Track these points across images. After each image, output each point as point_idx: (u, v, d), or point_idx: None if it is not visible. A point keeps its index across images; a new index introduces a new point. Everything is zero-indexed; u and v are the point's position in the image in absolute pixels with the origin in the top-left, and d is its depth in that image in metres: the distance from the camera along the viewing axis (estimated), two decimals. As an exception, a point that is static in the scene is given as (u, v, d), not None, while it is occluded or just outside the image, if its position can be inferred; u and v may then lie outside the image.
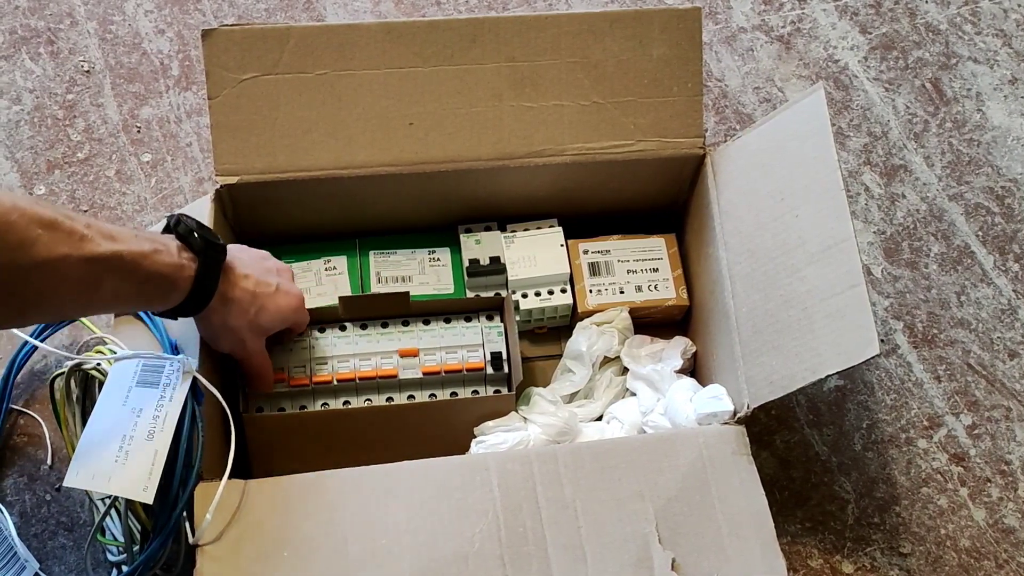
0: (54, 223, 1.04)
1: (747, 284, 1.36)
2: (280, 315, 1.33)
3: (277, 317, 1.33)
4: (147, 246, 1.14)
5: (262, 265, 1.33)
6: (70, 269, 1.06)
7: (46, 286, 1.06)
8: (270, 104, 1.39)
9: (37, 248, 1.02)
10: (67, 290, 1.08)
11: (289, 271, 1.39)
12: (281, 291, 1.32)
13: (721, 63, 1.87)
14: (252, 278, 1.29)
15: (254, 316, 1.29)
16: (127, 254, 1.11)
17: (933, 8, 1.93)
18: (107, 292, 1.12)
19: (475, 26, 1.42)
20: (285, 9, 1.88)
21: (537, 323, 1.56)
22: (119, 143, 1.72)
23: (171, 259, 1.17)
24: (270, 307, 1.30)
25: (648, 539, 1.19)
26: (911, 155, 1.78)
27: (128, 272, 1.12)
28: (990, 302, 1.65)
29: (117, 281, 1.11)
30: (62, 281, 1.06)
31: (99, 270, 1.09)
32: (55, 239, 1.04)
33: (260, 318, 1.30)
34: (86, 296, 1.12)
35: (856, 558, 1.45)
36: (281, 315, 1.33)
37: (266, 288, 1.30)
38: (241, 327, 1.29)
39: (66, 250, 1.05)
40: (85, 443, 1.20)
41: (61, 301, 1.10)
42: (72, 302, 1.12)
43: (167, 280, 1.17)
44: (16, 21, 1.83)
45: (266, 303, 1.30)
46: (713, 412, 1.31)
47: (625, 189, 1.53)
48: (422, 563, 1.17)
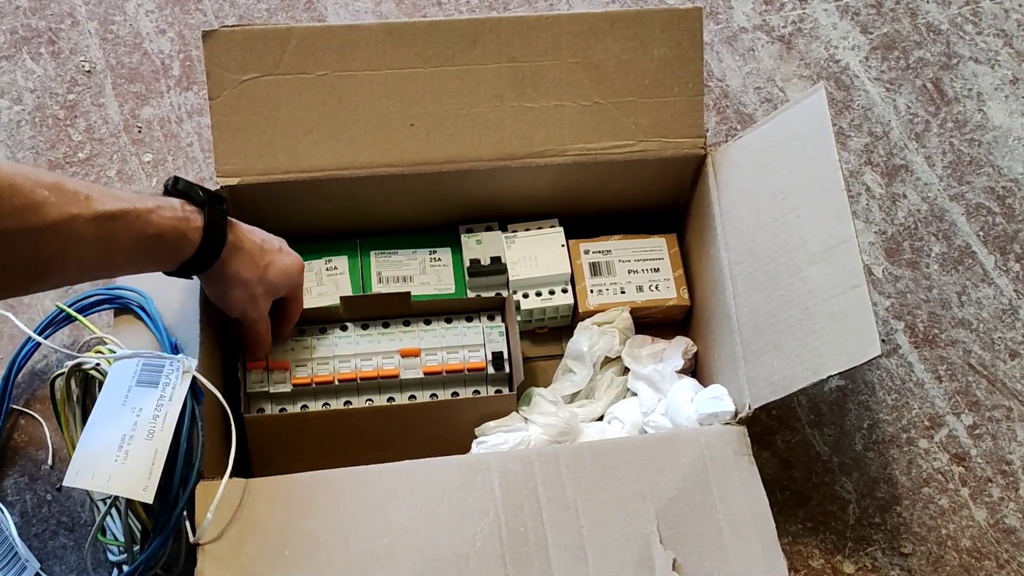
0: (58, 185, 1.06)
1: (748, 284, 1.36)
2: (287, 274, 1.33)
3: (284, 275, 1.32)
4: (151, 203, 1.16)
5: (263, 232, 1.33)
6: (82, 228, 1.07)
7: (62, 246, 1.07)
8: (271, 104, 1.39)
9: (47, 209, 1.04)
10: (83, 249, 1.10)
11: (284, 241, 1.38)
12: (285, 252, 1.33)
13: (722, 63, 1.87)
14: (258, 233, 1.30)
15: (264, 270, 1.29)
16: (134, 210, 1.13)
17: (934, 8, 1.93)
18: (121, 249, 1.14)
19: (476, 26, 1.42)
20: (286, 9, 1.88)
21: (538, 323, 1.56)
22: (120, 143, 1.72)
23: (176, 213, 1.18)
24: (277, 263, 1.31)
25: (649, 539, 1.19)
26: (912, 155, 1.78)
27: (140, 227, 1.13)
28: (991, 302, 1.65)
29: (130, 237, 1.13)
30: (77, 240, 1.08)
31: (111, 227, 1.10)
32: (63, 200, 1.05)
33: (269, 272, 1.30)
34: (103, 253, 1.13)
35: (857, 558, 1.45)
36: (287, 274, 1.33)
37: (271, 245, 1.31)
38: (252, 280, 1.29)
39: (76, 210, 1.06)
40: (85, 443, 1.20)
41: (79, 261, 1.12)
42: (90, 261, 1.14)
43: (177, 232, 1.18)
44: (17, 21, 1.83)
45: (274, 259, 1.31)
46: (714, 412, 1.31)
47: (626, 189, 1.53)
48: (423, 563, 1.17)
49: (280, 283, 1.33)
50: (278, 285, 1.33)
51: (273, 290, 1.33)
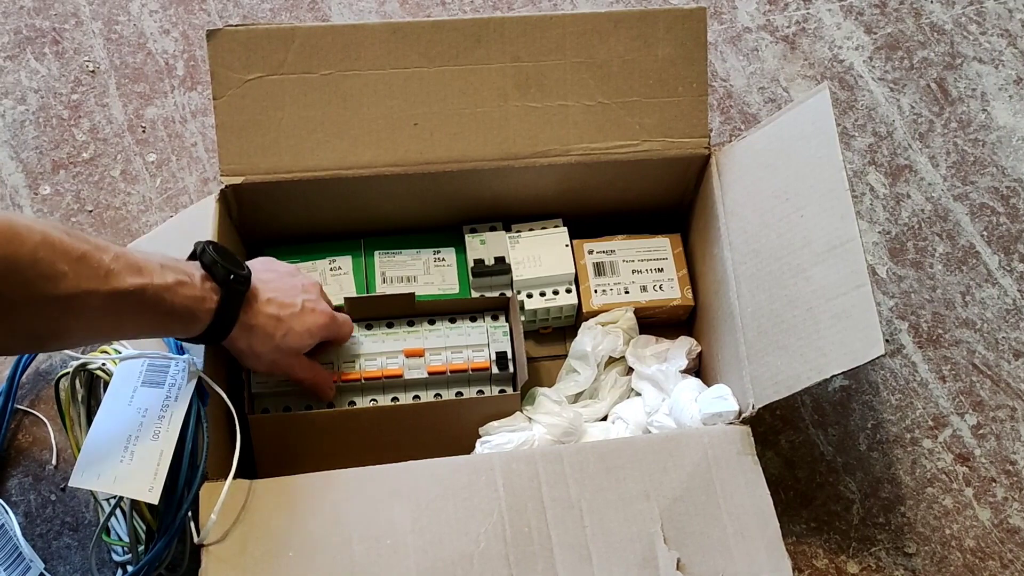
0: (83, 257, 1.04)
1: (752, 284, 1.36)
2: (308, 334, 1.32)
3: (305, 337, 1.31)
4: (171, 278, 1.14)
5: (288, 284, 1.32)
6: (93, 303, 1.06)
7: (67, 319, 1.06)
8: (275, 104, 1.39)
9: (64, 283, 1.02)
10: (88, 323, 1.09)
11: (317, 287, 1.37)
12: (307, 310, 1.31)
13: (726, 63, 1.87)
14: (275, 302, 1.28)
15: (280, 340, 1.28)
16: (151, 288, 1.11)
17: (938, 8, 1.93)
18: (128, 324, 1.14)
19: (480, 26, 1.42)
20: (290, 9, 1.88)
21: (542, 323, 1.56)
22: (124, 143, 1.72)
23: (194, 292, 1.17)
24: (297, 328, 1.29)
25: (653, 539, 1.19)
26: (916, 155, 1.78)
27: (150, 306, 1.12)
28: (995, 302, 1.65)
29: (138, 315, 1.12)
30: (84, 315, 1.07)
31: (122, 305, 1.09)
32: (82, 274, 1.04)
33: (287, 341, 1.29)
34: (107, 329, 1.13)
35: (861, 558, 1.45)
36: (309, 334, 1.32)
37: (290, 309, 1.29)
38: (267, 352, 1.28)
39: (92, 285, 1.05)
40: (90, 443, 1.20)
41: (81, 333, 1.11)
42: (92, 334, 1.14)
43: (189, 312, 1.17)
44: (21, 21, 1.83)
45: (293, 325, 1.29)
46: (718, 412, 1.31)
47: (630, 189, 1.53)
48: (427, 563, 1.17)
49: (300, 345, 1.32)
50: (299, 348, 1.32)
51: (295, 352, 1.32)
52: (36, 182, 1.68)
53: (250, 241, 1.52)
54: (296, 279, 1.34)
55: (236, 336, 1.24)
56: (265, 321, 1.26)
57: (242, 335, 1.25)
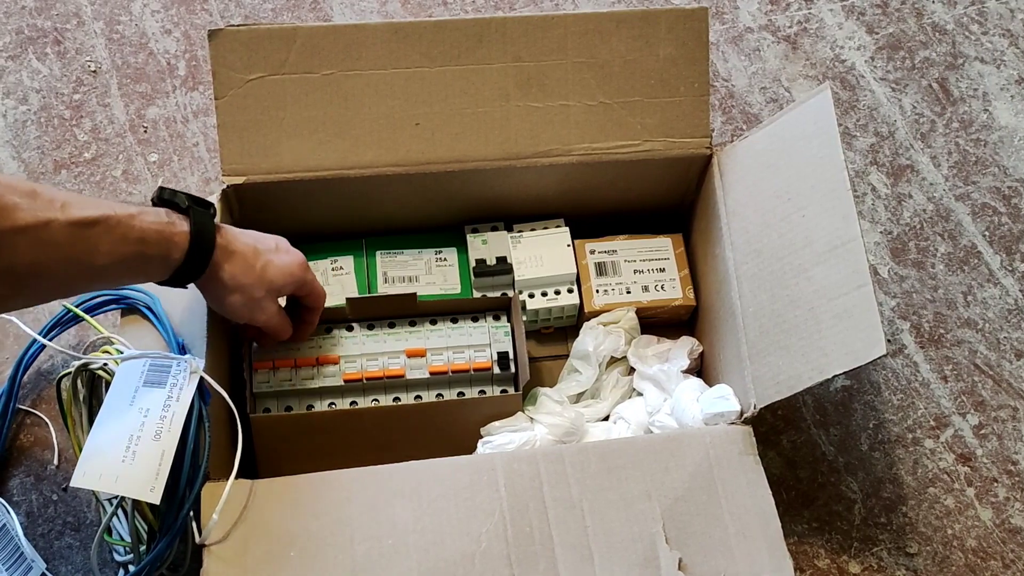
0: (33, 192, 1.03)
1: (754, 284, 1.36)
2: (288, 270, 1.29)
3: (285, 272, 1.28)
4: (133, 209, 1.12)
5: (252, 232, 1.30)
6: (58, 234, 1.04)
7: (35, 254, 1.04)
8: (276, 104, 1.39)
9: (18, 214, 1.01)
10: (59, 257, 1.07)
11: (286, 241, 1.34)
12: (282, 249, 1.29)
13: (728, 63, 1.87)
14: (248, 235, 1.27)
15: (261, 270, 1.25)
16: (114, 218, 1.09)
17: (940, 8, 1.93)
18: (104, 257, 1.10)
19: (482, 26, 1.41)
20: (292, 9, 1.88)
21: (544, 323, 1.56)
22: (126, 143, 1.72)
23: (160, 218, 1.15)
24: (275, 262, 1.27)
25: (655, 539, 1.19)
26: (918, 155, 1.78)
27: (121, 234, 1.10)
28: (997, 302, 1.65)
29: (111, 243, 1.10)
30: (53, 247, 1.05)
31: (89, 233, 1.07)
32: (36, 206, 1.03)
33: (267, 272, 1.26)
34: (83, 263, 1.10)
35: (863, 558, 1.45)
36: (288, 270, 1.29)
37: (267, 245, 1.28)
38: (250, 283, 1.25)
39: (50, 215, 1.04)
40: (92, 443, 1.20)
41: (56, 270, 1.08)
42: (69, 271, 1.10)
43: (162, 236, 1.14)
44: (23, 21, 1.83)
45: (271, 258, 1.27)
46: (720, 412, 1.31)
47: (632, 189, 1.53)
48: (429, 563, 1.17)
49: (282, 282, 1.29)
50: (280, 284, 1.29)
51: (275, 290, 1.30)
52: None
53: (252, 241, 1.52)
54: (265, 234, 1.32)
55: (219, 262, 1.21)
56: (244, 248, 1.24)
57: (225, 263, 1.22)
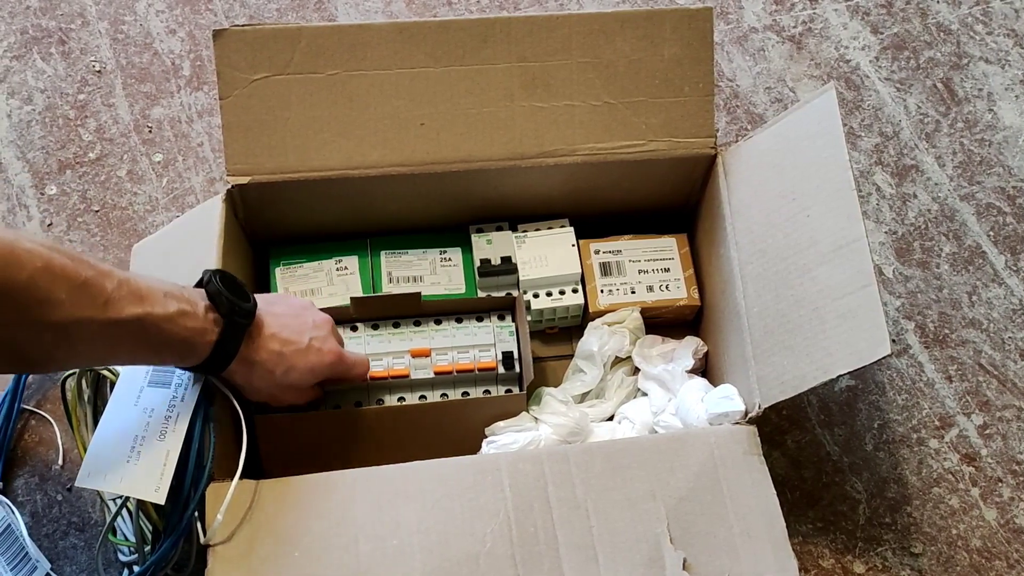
0: (84, 285, 1.02)
1: (758, 284, 1.36)
2: (311, 373, 1.28)
3: (307, 375, 1.28)
4: (173, 308, 1.11)
5: (297, 320, 1.29)
6: (89, 331, 1.04)
7: (60, 345, 1.04)
8: (281, 104, 1.39)
9: (60, 310, 1.00)
10: (81, 350, 1.07)
11: (328, 323, 1.33)
12: (312, 348, 1.28)
13: (732, 63, 1.87)
14: (279, 337, 1.25)
15: (281, 376, 1.25)
16: (150, 318, 1.08)
17: (944, 8, 1.93)
18: (122, 353, 1.12)
19: (486, 26, 1.41)
20: (296, 9, 1.88)
21: (548, 323, 1.56)
22: (130, 143, 1.72)
23: (195, 323, 1.14)
24: (299, 366, 1.26)
25: (660, 539, 1.19)
26: (922, 155, 1.78)
27: (148, 336, 1.10)
28: (1001, 302, 1.65)
29: (134, 344, 1.10)
30: (78, 342, 1.05)
31: (118, 333, 1.07)
32: (80, 302, 1.02)
33: (288, 377, 1.26)
34: (99, 356, 1.12)
35: (868, 558, 1.45)
36: (312, 373, 1.28)
37: (295, 346, 1.26)
38: (267, 388, 1.26)
39: (89, 314, 1.03)
40: (97, 443, 1.20)
41: (73, 359, 1.11)
42: (83, 360, 1.13)
43: (187, 344, 1.14)
44: (27, 21, 1.83)
45: (295, 362, 1.26)
46: (724, 412, 1.31)
47: (636, 189, 1.53)
48: (433, 563, 1.17)
49: (302, 383, 1.29)
50: (301, 385, 1.30)
51: (298, 388, 1.30)
52: (42, 182, 1.68)
53: (256, 241, 1.52)
54: (307, 314, 1.31)
55: (235, 370, 1.21)
56: (267, 357, 1.23)
57: (241, 370, 1.22)
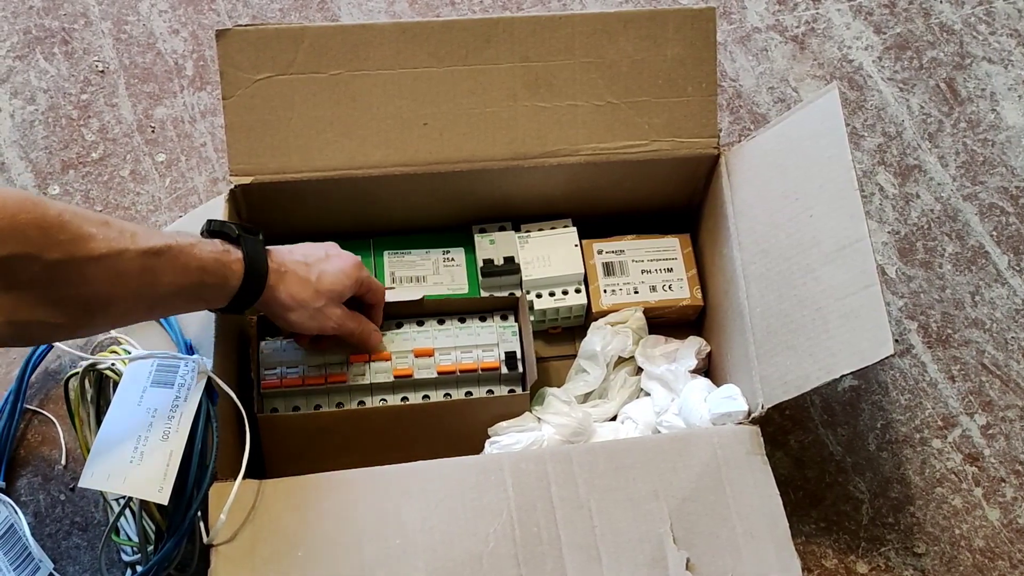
0: (105, 223, 1.07)
1: (761, 284, 1.36)
2: (343, 273, 1.32)
3: (341, 276, 1.31)
4: (192, 239, 1.17)
5: (306, 247, 1.34)
6: (128, 263, 1.08)
7: (107, 282, 1.08)
8: (284, 104, 1.39)
9: (94, 243, 1.05)
10: (128, 285, 1.10)
11: (335, 245, 1.38)
12: (332, 256, 1.33)
13: (735, 63, 1.87)
14: (298, 251, 1.31)
15: (316, 282, 1.29)
16: (177, 246, 1.14)
17: (947, 8, 1.93)
18: (167, 285, 1.14)
19: (489, 26, 1.41)
20: (299, 9, 1.88)
21: (551, 323, 1.56)
22: (133, 143, 1.73)
23: (215, 248, 1.19)
24: (329, 269, 1.30)
25: (662, 539, 1.19)
26: (925, 155, 1.78)
27: (183, 262, 1.14)
28: (1004, 302, 1.65)
29: (175, 273, 1.14)
30: (122, 276, 1.09)
31: (156, 262, 1.11)
32: (109, 235, 1.07)
33: (323, 282, 1.29)
34: (149, 291, 1.13)
35: (871, 558, 1.45)
36: (344, 273, 1.32)
37: (317, 256, 1.31)
38: (308, 298, 1.29)
39: (122, 245, 1.08)
40: (100, 443, 1.20)
41: (125, 297, 1.12)
42: (136, 299, 1.13)
43: (219, 263, 1.19)
44: (30, 21, 1.83)
45: (324, 268, 1.30)
46: (727, 412, 1.31)
47: (639, 189, 1.53)
48: (436, 563, 1.17)
49: (339, 288, 1.32)
50: (339, 291, 1.32)
51: (336, 297, 1.32)
52: (45, 182, 1.68)
53: (259, 241, 1.52)
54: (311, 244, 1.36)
55: (274, 285, 1.25)
56: (295, 265, 1.28)
57: (280, 283, 1.26)
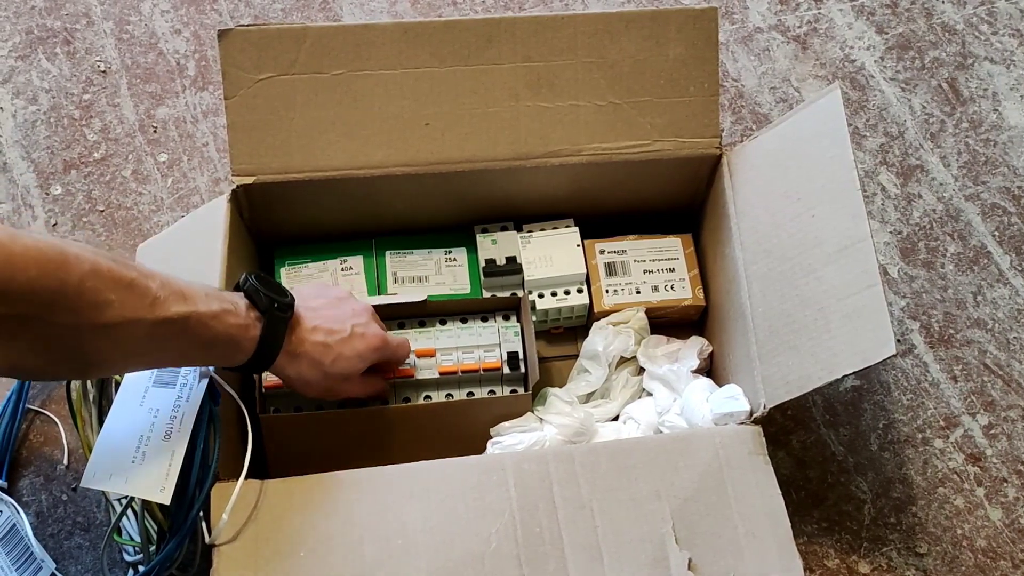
0: (131, 285, 1.05)
1: (763, 284, 1.36)
2: (359, 359, 1.30)
3: (355, 361, 1.30)
4: (216, 306, 1.14)
5: (336, 311, 1.31)
6: (139, 331, 1.07)
7: (113, 346, 1.07)
8: (286, 104, 1.39)
9: (110, 311, 1.03)
10: (131, 350, 1.09)
11: (369, 311, 1.35)
12: (356, 335, 1.30)
13: (737, 63, 1.86)
14: (322, 329, 1.27)
15: (330, 366, 1.27)
16: (195, 316, 1.11)
17: (949, 8, 1.93)
18: (173, 352, 1.14)
19: (491, 26, 1.41)
20: (301, 9, 1.88)
21: (553, 323, 1.56)
22: (135, 143, 1.73)
23: (238, 320, 1.17)
24: (346, 353, 1.28)
25: (665, 539, 1.19)
26: (927, 155, 1.78)
27: (195, 334, 1.12)
28: (1006, 302, 1.65)
29: (183, 343, 1.13)
30: (128, 342, 1.07)
31: (167, 332, 1.09)
32: (128, 303, 1.05)
33: (337, 366, 1.28)
34: (149, 357, 1.13)
35: (872, 558, 1.45)
36: (360, 359, 1.30)
37: (339, 335, 1.28)
38: (318, 379, 1.28)
39: (138, 314, 1.06)
40: (102, 444, 1.20)
41: (126, 360, 1.12)
42: (137, 361, 1.14)
43: (232, 341, 1.17)
44: (32, 21, 1.83)
45: (342, 350, 1.28)
46: (729, 412, 1.31)
47: (641, 189, 1.53)
48: (439, 563, 1.17)
49: (352, 369, 1.31)
50: (350, 372, 1.31)
51: (347, 376, 1.31)
52: (47, 182, 1.68)
53: (261, 241, 1.52)
54: (347, 304, 1.33)
55: (283, 364, 1.24)
56: (312, 348, 1.26)
57: (289, 363, 1.25)
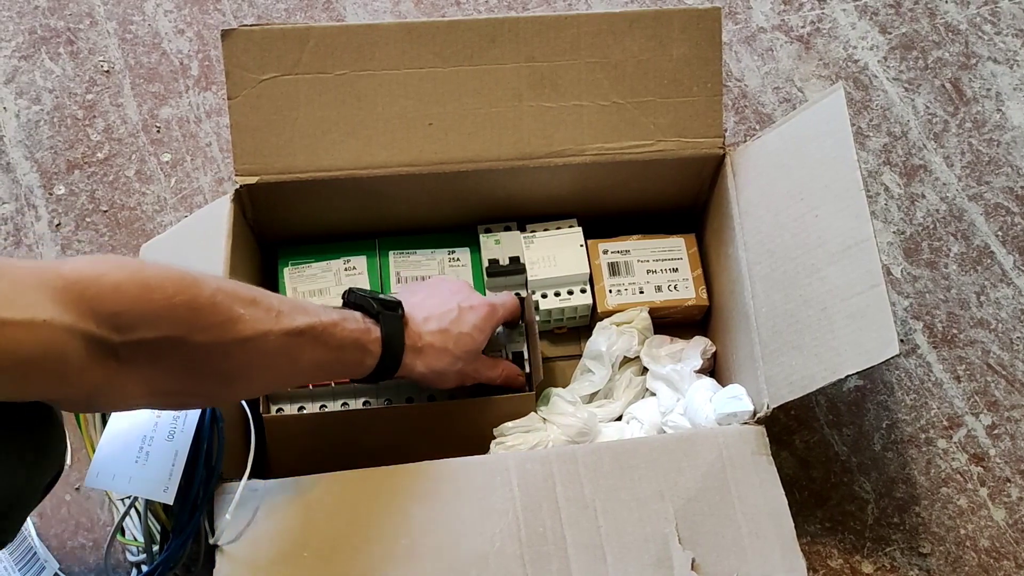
0: (255, 301, 1.08)
1: (767, 284, 1.36)
2: (479, 331, 1.33)
3: (476, 335, 1.33)
4: (335, 316, 1.18)
5: (438, 297, 1.34)
6: (271, 343, 1.09)
7: (250, 361, 1.09)
8: (290, 104, 1.39)
9: (242, 325, 1.05)
10: (269, 363, 1.11)
11: (464, 285, 1.40)
12: (464, 310, 1.32)
13: (741, 63, 1.86)
14: (433, 317, 1.30)
15: (455, 348, 1.30)
16: (319, 325, 1.15)
17: (953, 8, 1.93)
18: (306, 363, 1.16)
19: (495, 26, 1.41)
20: (305, 9, 1.88)
21: (557, 323, 1.56)
22: (139, 143, 1.73)
23: (357, 325, 1.20)
24: (464, 330, 1.31)
25: (668, 539, 1.19)
26: (931, 155, 1.77)
27: (323, 342, 1.15)
28: (1010, 302, 1.65)
29: (314, 351, 1.15)
30: (264, 355, 1.10)
31: (298, 342, 1.12)
32: (256, 316, 1.07)
33: (460, 346, 1.30)
34: (288, 368, 1.15)
35: (876, 558, 1.45)
36: (479, 330, 1.33)
37: (450, 317, 1.31)
38: (448, 366, 1.30)
39: (267, 327, 1.08)
40: (105, 444, 1.20)
41: (264, 374, 1.14)
42: (275, 375, 1.16)
43: (358, 344, 1.20)
44: (36, 21, 1.83)
45: (460, 329, 1.31)
46: (733, 412, 1.31)
47: (645, 189, 1.53)
48: (442, 563, 1.17)
49: (476, 344, 1.33)
50: (474, 348, 1.33)
51: (474, 354, 1.34)
52: (51, 182, 1.68)
53: (264, 241, 1.52)
54: (443, 286, 1.37)
55: (411, 362, 1.26)
56: (432, 338, 1.28)
57: (417, 359, 1.27)
